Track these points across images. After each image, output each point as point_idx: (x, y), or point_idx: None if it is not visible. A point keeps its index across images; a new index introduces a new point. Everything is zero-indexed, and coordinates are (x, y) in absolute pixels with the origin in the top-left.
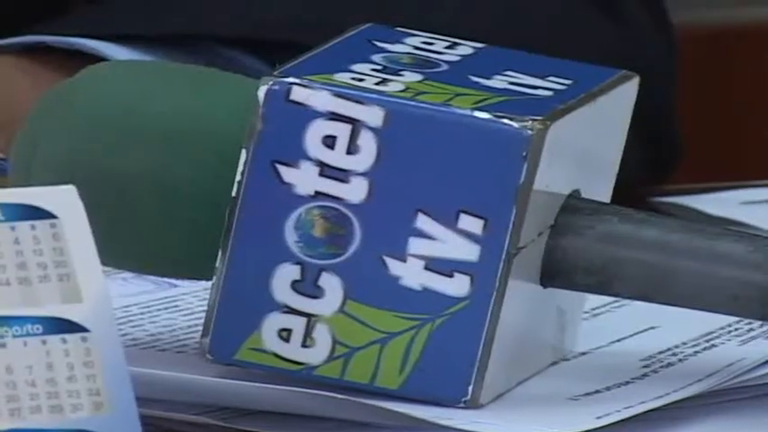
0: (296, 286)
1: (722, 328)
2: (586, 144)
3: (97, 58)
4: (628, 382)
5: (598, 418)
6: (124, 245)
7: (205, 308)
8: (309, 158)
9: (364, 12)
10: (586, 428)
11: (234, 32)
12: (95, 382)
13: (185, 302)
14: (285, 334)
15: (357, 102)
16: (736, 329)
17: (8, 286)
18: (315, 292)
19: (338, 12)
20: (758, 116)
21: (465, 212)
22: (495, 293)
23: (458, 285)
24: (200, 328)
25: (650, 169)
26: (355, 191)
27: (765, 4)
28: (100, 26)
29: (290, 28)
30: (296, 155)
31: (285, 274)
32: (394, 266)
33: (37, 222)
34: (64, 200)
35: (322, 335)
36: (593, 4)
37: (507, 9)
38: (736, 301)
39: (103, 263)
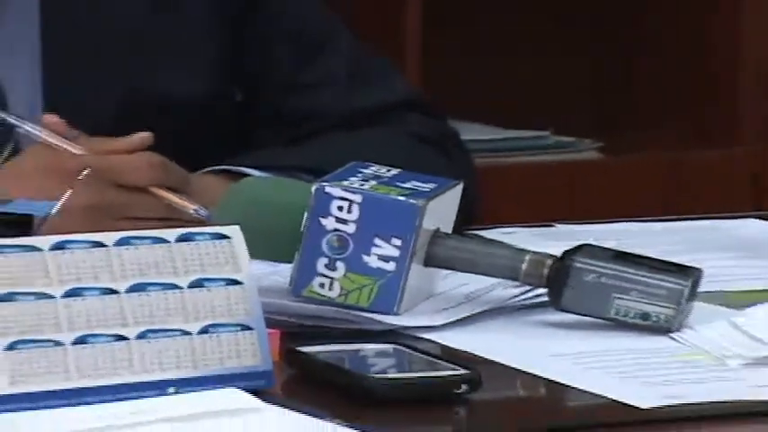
0: (327, 265)
1: (498, 283)
2: (442, 211)
3: (247, 175)
4: (458, 305)
5: (447, 318)
6: (258, 251)
7: (291, 274)
8: (332, 215)
9: (356, 158)
10: (442, 323)
11: (303, 167)
12: (246, 304)
13: (284, 272)
14: (322, 285)
15: (352, 192)
16: (502, 284)
17: (210, 266)
18: (333, 268)
19: (347, 160)
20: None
21: (394, 236)
22: (405, 268)
23: (390, 265)
24: (289, 280)
25: (464, 221)
26: (350, 228)
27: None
28: (249, 161)
29: (326, 166)
30: (326, 213)
31: (322, 261)
32: (366, 258)
33: (223, 240)
34: (234, 231)
35: (336, 286)
36: (440, 151)
37: (403, 158)
38: (503, 273)
39: (249, 256)
